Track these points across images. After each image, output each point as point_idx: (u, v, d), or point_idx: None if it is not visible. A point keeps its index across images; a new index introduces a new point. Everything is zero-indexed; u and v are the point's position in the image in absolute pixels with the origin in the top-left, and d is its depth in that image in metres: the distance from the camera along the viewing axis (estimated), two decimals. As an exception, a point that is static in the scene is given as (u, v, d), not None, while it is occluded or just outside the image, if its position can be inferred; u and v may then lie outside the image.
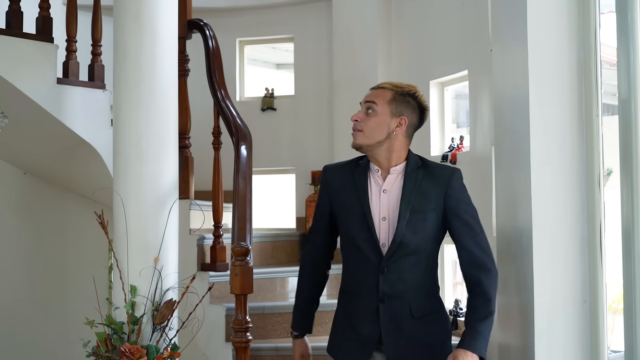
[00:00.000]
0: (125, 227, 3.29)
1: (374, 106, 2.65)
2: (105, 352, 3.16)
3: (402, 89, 2.65)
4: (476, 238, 2.59)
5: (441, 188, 2.61)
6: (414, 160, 2.67)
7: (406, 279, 2.59)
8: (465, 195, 2.64)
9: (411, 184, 2.60)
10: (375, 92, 2.68)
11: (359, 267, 2.65)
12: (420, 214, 2.58)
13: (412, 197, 2.58)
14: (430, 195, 2.60)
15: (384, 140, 2.64)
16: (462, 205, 2.61)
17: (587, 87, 2.72)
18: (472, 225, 2.61)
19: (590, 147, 2.71)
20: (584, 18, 2.72)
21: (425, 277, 2.64)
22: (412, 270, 2.60)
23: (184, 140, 4.28)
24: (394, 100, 2.64)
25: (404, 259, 2.59)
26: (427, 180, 2.62)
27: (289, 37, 5.92)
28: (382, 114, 2.64)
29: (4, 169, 4.70)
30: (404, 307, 2.60)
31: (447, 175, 2.64)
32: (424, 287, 2.64)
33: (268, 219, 5.96)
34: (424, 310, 2.62)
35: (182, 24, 4.18)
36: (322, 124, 5.68)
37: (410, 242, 2.57)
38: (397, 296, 2.59)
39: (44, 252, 4.82)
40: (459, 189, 2.63)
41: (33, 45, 3.88)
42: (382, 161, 2.66)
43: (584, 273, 2.70)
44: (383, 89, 2.67)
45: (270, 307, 4.25)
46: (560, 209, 2.72)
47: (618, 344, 2.80)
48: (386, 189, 2.64)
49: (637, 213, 2.56)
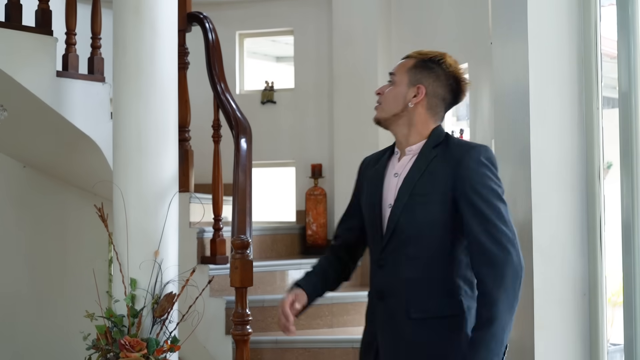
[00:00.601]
0: (125, 220, 3.29)
1: (393, 77, 2.35)
2: (105, 345, 3.17)
3: (425, 56, 2.35)
4: (486, 225, 2.14)
5: (451, 167, 2.21)
6: (435, 138, 2.30)
7: (405, 274, 2.23)
8: (482, 176, 2.19)
9: (419, 164, 2.26)
10: (400, 63, 2.38)
11: (370, 261, 2.37)
12: (422, 196, 2.21)
13: (416, 178, 2.23)
14: (439, 176, 2.22)
15: (400, 113, 2.31)
16: (472, 187, 2.17)
17: (587, 80, 2.71)
18: (482, 210, 2.15)
19: (590, 140, 2.71)
20: (585, 11, 2.71)
21: (432, 273, 2.21)
22: (413, 264, 2.22)
23: (183, 133, 4.27)
24: (414, 67, 2.33)
25: (402, 250, 2.23)
26: (439, 160, 2.25)
27: (289, 30, 5.91)
28: (400, 84, 2.32)
29: (3, 162, 4.69)
30: (401, 307, 2.23)
31: (462, 151, 2.23)
32: (429, 285, 2.21)
33: (268, 212, 5.96)
34: (427, 313, 2.21)
35: (182, 17, 4.16)
36: (322, 117, 5.67)
37: (405, 229, 2.22)
38: (394, 294, 2.25)
39: (44, 245, 4.82)
40: (474, 168, 2.19)
41: (32, 38, 3.87)
42: (401, 139, 2.34)
43: (583, 266, 2.70)
44: (407, 58, 2.38)
45: (270, 300, 4.26)
46: (560, 202, 2.72)
47: (618, 337, 2.81)
48: (397, 172, 2.31)
49: (637, 206, 2.56)
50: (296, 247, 5.32)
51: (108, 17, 3.80)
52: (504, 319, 2.10)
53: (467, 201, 2.18)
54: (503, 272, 2.12)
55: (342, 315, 4.28)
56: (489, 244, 2.14)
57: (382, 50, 5.26)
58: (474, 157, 2.21)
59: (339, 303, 4.31)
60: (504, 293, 2.11)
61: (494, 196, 2.18)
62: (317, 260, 2.51)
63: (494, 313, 2.09)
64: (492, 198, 2.17)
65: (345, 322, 4.30)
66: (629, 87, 2.58)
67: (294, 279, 2.49)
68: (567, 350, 2.70)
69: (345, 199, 5.41)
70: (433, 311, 2.21)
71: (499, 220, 2.16)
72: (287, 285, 4.63)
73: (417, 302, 2.21)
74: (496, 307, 2.10)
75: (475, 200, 2.17)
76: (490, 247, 2.13)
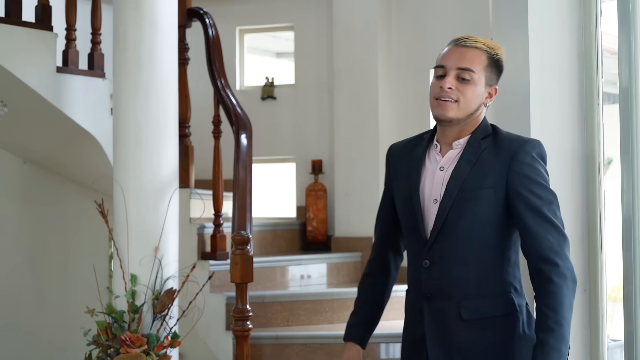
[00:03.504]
0: (126, 216, 3.29)
1: (471, 73, 2.15)
2: (106, 340, 3.17)
3: (495, 52, 2.21)
4: (545, 225, 2.09)
5: (505, 161, 2.12)
6: (482, 129, 2.20)
7: (455, 273, 2.13)
8: (537, 173, 2.12)
9: (469, 156, 2.15)
10: (470, 55, 2.17)
11: (410, 258, 2.25)
12: (472, 192, 2.11)
13: (466, 172, 2.13)
14: (491, 170, 2.12)
15: (474, 113, 2.18)
16: (527, 183, 2.10)
17: (587, 76, 2.71)
18: (539, 208, 2.09)
19: (590, 135, 2.70)
20: (585, 6, 2.71)
21: (487, 274, 2.13)
22: (465, 262, 2.13)
23: (184, 129, 4.28)
24: (489, 66, 2.19)
25: (453, 248, 2.13)
26: (490, 152, 2.15)
27: (289, 26, 5.91)
28: (479, 83, 2.16)
29: (3, 158, 4.69)
30: (452, 307, 2.13)
31: (516, 145, 2.14)
32: (483, 285, 2.13)
33: (268, 208, 5.96)
34: (480, 313, 2.13)
35: (182, 13, 4.16)
36: (323, 113, 5.67)
37: (455, 225, 2.11)
38: (444, 294, 2.14)
39: (44, 241, 4.82)
40: (529, 163, 2.11)
41: (32, 34, 3.86)
42: (453, 135, 2.20)
43: (583, 262, 2.70)
44: (477, 50, 2.18)
45: (270, 296, 4.26)
46: (561, 197, 2.70)
47: (618, 333, 2.81)
48: (444, 165, 2.18)
49: (637, 202, 2.56)
50: (296, 242, 5.32)
51: (108, 13, 3.80)
52: (569, 319, 2.06)
53: (522, 197, 2.11)
54: (565, 272, 2.07)
55: (342, 311, 4.28)
56: (550, 240, 2.08)
57: (382, 46, 5.26)
58: (530, 151, 2.14)
59: (339, 299, 4.31)
60: (568, 292, 2.06)
61: (551, 194, 2.14)
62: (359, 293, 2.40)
63: (562, 314, 2.04)
64: (550, 196, 2.14)
65: (346, 317, 4.25)
66: (630, 83, 2.57)
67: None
68: (567, 346, 2.70)
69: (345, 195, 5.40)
70: (486, 311, 2.14)
71: (556, 219, 2.12)
72: (287, 281, 4.64)
73: (468, 303, 2.13)
74: (563, 308, 2.05)
75: (531, 197, 2.11)
76: (553, 246, 2.08)
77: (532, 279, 2.13)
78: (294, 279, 4.67)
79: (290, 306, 4.26)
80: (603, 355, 2.68)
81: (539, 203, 2.10)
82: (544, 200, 2.11)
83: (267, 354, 4.03)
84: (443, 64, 2.17)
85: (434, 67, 2.21)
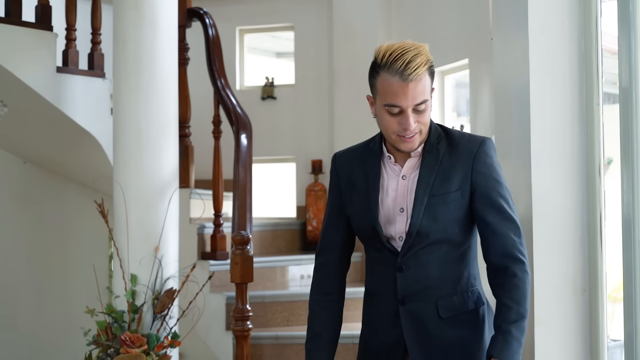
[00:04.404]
0: (126, 216, 3.29)
1: (426, 102, 2.13)
2: (106, 340, 3.17)
3: (431, 62, 2.14)
4: (507, 224, 2.18)
5: (467, 162, 2.18)
6: (434, 133, 2.22)
7: (430, 275, 2.19)
8: (498, 172, 2.21)
9: (430, 163, 2.18)
10: (421, 87, 2.11)
11: (375, 266, 2.28)
12: (441, 197, 2.17)
13: (432, 179, 2.17)
14: (454, 173, 2.18)
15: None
16: (490, 182, 2.18)
17: (587, 76, 2.71)
18: (502, 207, 2.17)
19: (590, 135, 2.70)
20: (585, 6, 2.71)
21: (456, 271, 2.21)
22: (438, 264, 2.19)
23: (184, 129, 4.28)
24: (431, 79, 2.15)
25: (426, 252, 2.18)
26: (450, 156, 2.19)
27: (289, 26, 5.91)
28: (430, 102, 2.15)
29: (3, 158, 4.69)
30: (429, 308, 2.20)
31: (475, 146, 2.20)
32: (455, 282, 2.21)
33: (268, 208, 5.97)
34: (454, 310, 2.21)
35: (182, 13, 4.17)
36: (323, 113, 5.67)
37: (429, 231, 2.16)
38: (420, 296, 2.20)
39: (44, 241, 4.82)
40: (489, 162, 2.20)
41: (32, 34, 3.87)
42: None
43: (583, 262, 2.70)
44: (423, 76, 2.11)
45: (270, 296, 4.26)
46: (560, 197, 2.72)
47: (618, 333, 2.81)
48: (405, 174, 2.22)
49: (637, 202, 2.55)
50: (296, 242, 5.32)
51: (108, 13, 3.80)
52: (528, 311, 2.17)
53: (486, 197, 2.18)
54: (527, 269, 2.17)
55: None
56: (514, 239, 2.17)
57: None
58: (488, 151, 2.21)
59: (339, 299, 4.31)
60: (528, 287, 2.16)
61: (508, 192, 2.22)
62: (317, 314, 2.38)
63: (525, 307, 2.14)
64: (508, 194, 2.21)
65: (345, 317, 4.26)
66: (630, 83, 2.57)
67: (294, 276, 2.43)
68: (567, 346, 2.70)
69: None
70: (460, 307, 2.22)
71: (515, 217, 2.20)
72: (287, 280, 4.64)
73: (445, 302, 2.20)
74: (526, 301, 2.14)
75: (494, 196, 2.18)
76: (516, 244, 2.17)
77: (494, 274, 2.20)
78: (294, 279, 4.67)
79: (290, 306, 4.27)
80: (603, 355, 2.67)
81: (501, 202, 2.18)
82: (505, 199, 2.19)
83: (267, 354, 4.03)
84: (398, 104, 2.11)
85: (385, 104, 2.13)
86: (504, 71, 2.99)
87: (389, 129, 2.16)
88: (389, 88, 2.13)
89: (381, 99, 2.15)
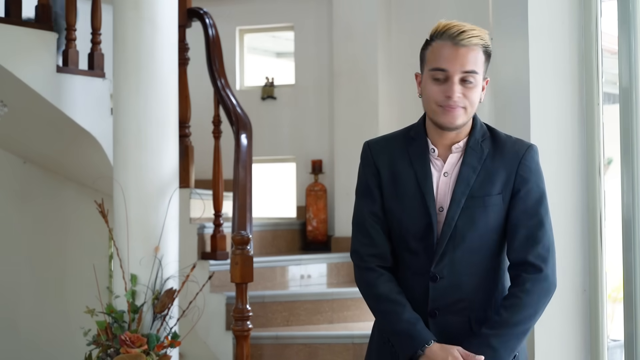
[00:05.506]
0: (126, 216, 3.29)
1: (475, 76, 1.99)
2: (106, 340, 3.17)
3: (488, 43, 2.03)
4: (540, 231, 2.03)
5: (512, 165, 2.03)
6: (480, 130, 2.07)
7: (465, 285, 2.02)
8: (541, 179, 2.06)
9: (473, 161, 2.03)
10: (472, 55, 1.99)
11: (405, 271, 2.08)
12: (481, 199, 2.01)
13: (472, 179, 2.01)
14: (497, 176, 2.02)
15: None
16: (535, 192, 2.03)
17: (587, 76, 2.71)
18: (539, 214, 2.03)
19: (590, 136, 2.71)
20: (585, 6, 2.71)
21: (491, 283, 2.05)
22: (473, 273, 2.02)
23: (184, 129, 4.28)
24: (486, 61, 2.03)
25: (461, 260, 2.01)
26: (494, 157, 2.04)
27: (289, 26, 5.91)
28: (480, 82, 2.02)
29: (3, 158, 4.69)
30: (462, 321, 2.03)
31: (522, 150, 2.04)
32: (488, 295, 2.05)
33: (268, 208, 5.96)
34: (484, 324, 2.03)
35: (182, 13, 4.16)
36: (323, 113, 5.67)
37: (466, 236, 2.00)
38: (453, 308, 2.02)
39: (44, 241, 4.82)
40: (534, 169, 2.05)
41: (32, 34, 3.86)
42: (451, 138, 2.06)
43: (583, 262, 2.70)
44: (476, 47, 2.00)
45: (270, 296, 4.26)
46: (561, 197, 2.72)
47: (618, 333, 2.81)
48: (447, 171, 2.05)
49: (637, 202, 2.56)
50: (297, 242, 5.32)
51: (108, 13, 3.80)
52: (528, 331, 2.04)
53: (522, 201, 2.03)
54: (545, 283, 2.04)
55: (342, 311, 4.28)
56: (541, 249, 2.03)
57: (382, 46, 5.26)
58: (534, 156, 2.07)
59: (339, 299, 4.31)
60: (539, 306, 2.03)
61: (546, 203, 2.07)
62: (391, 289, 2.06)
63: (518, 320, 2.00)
64: (546, 203, 2.07)
65: (346, 317, 4.31)
66: (630, 83, 2.58)
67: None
68: (567, 346, 2.70)
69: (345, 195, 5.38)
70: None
71: (551, 231, 2.07)
72: (287, 281, 4.64)
73: (478, 315, 2.03)
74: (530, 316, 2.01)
75: (530, 202, 2.03)
76: (542, 253, 2.03)
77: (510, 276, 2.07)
78: (294, 279, 4.67)
79: (290, 306, 4.26)
80: (603, 355, 2.68)
81: (537, 207, 2.04)
82: (543, 205, 2.05)
83: (267, 354, 4.03)
84: (444, 68, 1.98)
85: (431, 69, 2.02)
86: (504, 71, 2.99)
87: (431, 98, 2.01)
88: (438, 52, 2.01)
89: (429, 66, 2.02)
